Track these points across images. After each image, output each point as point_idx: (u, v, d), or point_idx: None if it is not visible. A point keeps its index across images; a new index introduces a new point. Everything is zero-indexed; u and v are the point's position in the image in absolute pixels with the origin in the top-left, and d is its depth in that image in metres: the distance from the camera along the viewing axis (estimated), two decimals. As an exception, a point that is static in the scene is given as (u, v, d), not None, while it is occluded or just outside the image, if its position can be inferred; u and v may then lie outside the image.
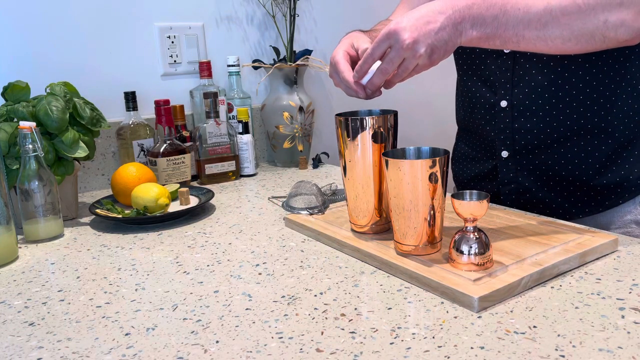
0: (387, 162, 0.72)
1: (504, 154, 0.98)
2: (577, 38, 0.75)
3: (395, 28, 0.74)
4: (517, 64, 0.93)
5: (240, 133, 1.37)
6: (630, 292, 0.65)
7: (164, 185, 1.12)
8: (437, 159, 0.70)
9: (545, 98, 0.92)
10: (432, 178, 0.70)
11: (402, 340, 0.57)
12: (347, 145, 0.81)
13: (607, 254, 0.76)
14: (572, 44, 0.76)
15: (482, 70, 0.99)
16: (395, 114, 0.82)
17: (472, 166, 1.08)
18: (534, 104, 0.93)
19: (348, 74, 0.83)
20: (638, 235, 0.93)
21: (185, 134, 1.35)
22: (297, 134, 1.47)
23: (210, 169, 1.33)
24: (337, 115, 0.83)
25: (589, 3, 0.74)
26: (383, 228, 0.84)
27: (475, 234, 0.69)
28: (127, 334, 0.61)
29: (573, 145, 0.92)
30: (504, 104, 0.96)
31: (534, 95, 0.92)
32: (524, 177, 0.97)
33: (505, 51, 0.94)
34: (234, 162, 1.35)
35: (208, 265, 0.81)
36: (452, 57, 1.09)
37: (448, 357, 0.53)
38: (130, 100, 1.29)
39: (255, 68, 1.53)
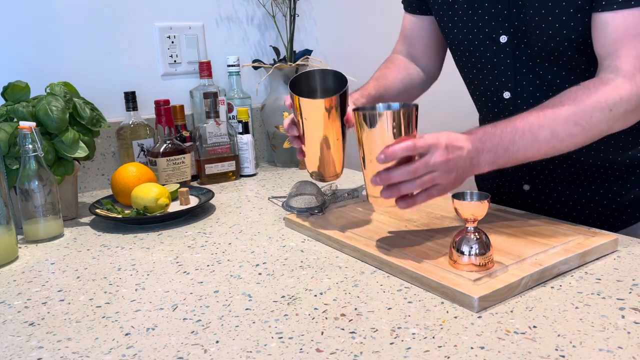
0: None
1: (526, 187, 1.00)
2: (585, 144, 0.80)
3: (437, 142, 0.72)
4: (519, 108, 0.92)
5: (240, 133, 1.37)
6: (630, 292, 0.65)
7: (164, 185, 1.12)
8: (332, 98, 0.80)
9: (547, 90, 0.91)
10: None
11: (402, 340, 0.57)
12: (365, 137, 0.79)
13: (607, 254, 0.76)
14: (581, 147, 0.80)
15: (484, 117, 1.02)
16: (415, 107, 0.78)
17: (497, 187, 1.08)
18: (537, 96, 0.92)
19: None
20: None
21: (185, 134, 1.35)
22: (297, 134, 1.47)
23: (210, 169, 1.33)
24: (354, 110, 0.79)
25: (592, 122, 0.76)
26: None
27: (476, 234, 0.69)
28: (127, 334, 0.61)
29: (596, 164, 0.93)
30: (506, 95, 0.95)
31: (537, 85, 0.92)
32: (552, 202, 0.98)
33: (506, 96, 0.94)
34: (234, 162, 1.35)
35: (208, 265, 0.81)
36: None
37: (448, 357, 0.53)
38: (130, 100, 1.29)
39: (255, 68, 1.53)
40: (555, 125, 0.75)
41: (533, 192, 1.00)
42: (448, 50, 1.07)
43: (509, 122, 0.77)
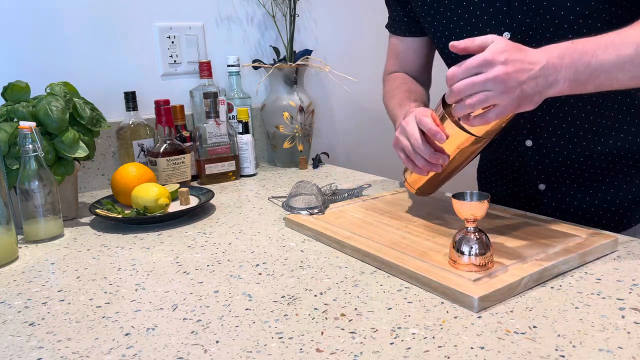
0: None
1: (541, 186, 0.98)
2: None
3: (493, 58, 0.68)
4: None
5: (240, 133, 1.37)
6: (630, 292, 0.65)
7: (164, 185, 1.12)
8: None
9: (571, 131, 0.91)
10: None
11: (402, 340, 0.57)
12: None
13: (607, 254, 0.76)
14: None
15: None
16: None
17: (507, 188, 1.07)
18: (561, 139, 0.92)
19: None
20: None
21: (185, 134, 1.35)
22: (297, 134, 1.47)
23: (210, 169, 1.33)
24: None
25: None
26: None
27: (476, 234, 0.69)
28: (127, 334, 0.61)
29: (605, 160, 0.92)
30: (529, 143, 0.95)
31: (559, 130, 0.91)
32: (569, 200, 0.97)
33: None
34: (234, 162, 1.35)
35: (208, 265, 0.81)
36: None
37: (448, 357, 0.53)
38: (130, 100, 1.29)
39: (255, 68, 1.53)
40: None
41: (549, 191, 0.98)
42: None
43: (587, 39, 0.71)
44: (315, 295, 0.68)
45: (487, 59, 0.68)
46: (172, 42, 1.44)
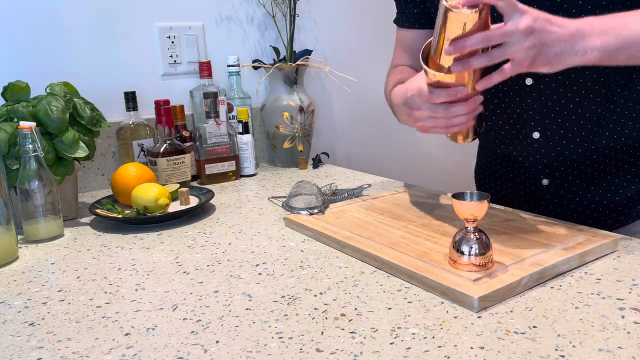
0: None
1: (545, 182, 0.98)
2: None
3: (521, 8, 0.66)
4: (543, 95, 0.90)
5: (240, 133, 1.37)
6: (630, 292, 0.65)
7: (164, 185, 1.12)
8: None
9: (579, 124, 0.90)
10: None
11: (402, 340, 0.57)
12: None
13: (607, 254, 0.76)
14: None
15: (506, 106, 0.96)
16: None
17: (507, 187, 1.06)
18: (569, 131, 0.91)
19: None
20: None
21: (185, 134, 1.35)
22: (297, 134, 1.47)
23: (210, 169, 1.33)
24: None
25: None
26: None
27: (476, 234, 0.69)
28: (127, 334, 0.61)
29: (610, 152, 0.92)
30: (536, 135, 0.94)
31: (568, 122, 0.91)
32: (570, 197, 0.96)
33: (528, 83, 0.91)
34: (234, 162, 1.35)
35: (208, 265, 0.81)
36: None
37: (448, 357, 0.53)
38: (130, 100, 1.29)
39: (255, 68, 1.53)
40: None
41: (552, 187, 0.98)
42: None
43: (617, 14, 0.71)
44: (315, 295, 0.68)
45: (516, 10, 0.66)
46: (172, 42, 1.44)
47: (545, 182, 0.98)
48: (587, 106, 0.89)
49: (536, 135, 0.94)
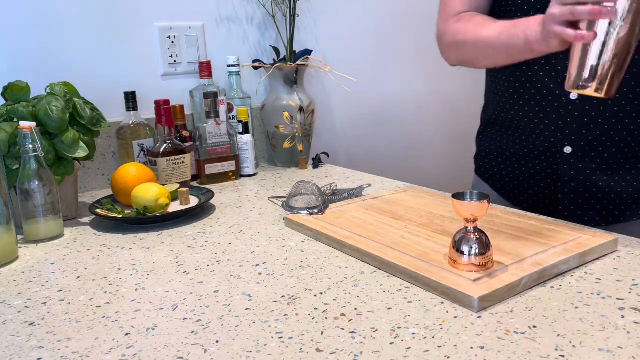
0: None
1: (567, 149, 0.94)
2: None
3: None
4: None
5: (240, 133, 1.37)
6: (630, 292, 0.65)
7: (164, 185, 1.12)
8: None
9: (621, 91, 0.87)
10: None
11: (402, 340, 0.57)
12: None
13: (607, 254, 0.76)
14: None
15: (550, 59, 0.92)
16: None
17: (518, 166, 1.02)
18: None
19: None
20: None
21: (185, 134, 1.35)
22: (297, 134, 1.47)
23: (210, 169, 1.33)
24: None
25: None
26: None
27: (476, 234, 0.69)
28: (127, 334, 0.61)
29: (635, 130, 0.89)
30: (574, 95, 0.90)
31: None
32: (590, 171, 0.93)
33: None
34: (234, 162, 1.35)
35: (208, 265, 0.81)
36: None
37: (448, 357, 0.53)
38: (130, 100, 1.29)
39: (255, 68, 1.53)
40: None
41: (573, 157, 0.93)
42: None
43: None
44: (315, 295, 0.68)
45: None
46: (172, 42, 1.44)
47: (568, 150, 0.93)
48: (635, 74, 0.86)
49: (574, 95, 0.91)
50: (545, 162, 0.97)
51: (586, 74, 0.71)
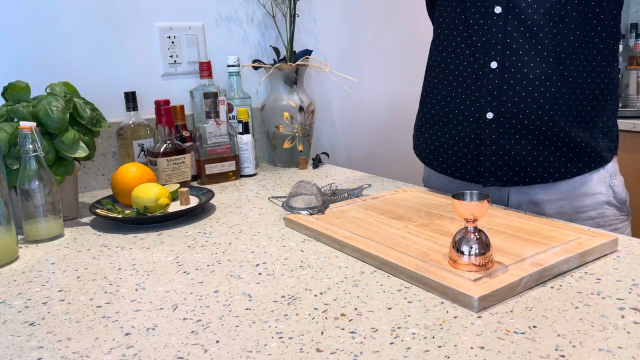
0: None
1: (489, 115, 0.98)
2: None
3: None
4: (509, 25, 0.94)
5: (240, 133, 1.37)
6: (630, 292, 0.65)
7: (164, 185, 1.12)
8: None
9: (536, 61, 0.93)
10: None
11: (402, 340, 0.57)
12: None
13: (607, 254, 0.76)
14: None
15: (471, 30, 0.99)
16: None
17: (447, 130, 1.06)
18: (525, 66, 0.93)
19: None
20: (610, 215, 0.99)
21: (185, 134, 1.35)
22: (297, 134, 1.47)
23: (210, 169, 1.33)
24: None
25: None
26: None
27: (476, 234, 0.69)
28: (127, 334, 0.61)
29: (555, 104, 0.94)
30: (494, 65, 0.96)
31: (526, 57, 0.93)
32: (508, 137, 0.97)
33: (497, 11, 0.95)
34: (234, 162, 1.35)
35: (208, 265, 0.81)
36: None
37: (448, 357, 0.53)
38: (130, 100, 1.29)
39: (255, 68, 1.53)
40: None
41: (494, 122, 0.97)
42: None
43: None
44: (315, 295, 0.68)
45: None
46: (172, 42, 1.44)
47: (489, 115, 0.97)
48: (547, 44, 0.93)
49: (494, 65, 0.96)
50: (468, 128, 1.02)
51: None
